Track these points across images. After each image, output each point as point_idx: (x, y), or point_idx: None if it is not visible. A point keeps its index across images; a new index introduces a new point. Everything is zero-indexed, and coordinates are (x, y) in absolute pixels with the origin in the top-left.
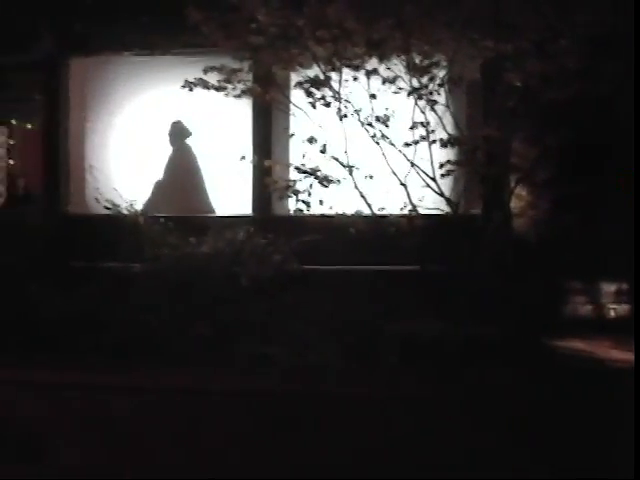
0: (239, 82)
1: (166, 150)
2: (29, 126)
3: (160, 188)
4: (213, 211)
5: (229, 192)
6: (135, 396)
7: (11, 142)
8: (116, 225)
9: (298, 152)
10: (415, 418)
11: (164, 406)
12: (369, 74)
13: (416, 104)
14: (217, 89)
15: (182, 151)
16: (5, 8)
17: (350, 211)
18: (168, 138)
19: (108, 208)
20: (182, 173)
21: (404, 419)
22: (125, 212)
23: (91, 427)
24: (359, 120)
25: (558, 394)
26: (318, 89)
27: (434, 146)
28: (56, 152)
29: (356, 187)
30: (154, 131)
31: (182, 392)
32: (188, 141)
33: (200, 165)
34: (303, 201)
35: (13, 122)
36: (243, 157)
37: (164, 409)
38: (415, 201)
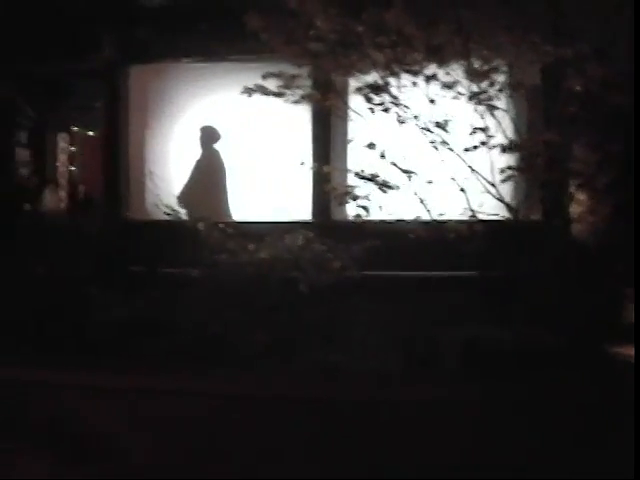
0: (298, 88)
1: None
2: (90, 133)
3: (187, 189)
4: (230, 216)
5: (288, 198)
6: (197, 401)
7: (72, 149)
8: (175, 231)
9: (357, 158)
10: (479, 422)
11: (227, 412)
12: (428, 79)
13: (475, 109)
14: (276, 95)
15: (210, 155)
16: (66, 17)
17: (409, 217)
18: (199, 142)
19: (168, 214)
20: (208, 176)
21: (469, 424)
22: (184, 218)
23: (150, 430)
24: (418, 126)
25: (620, 400)
26: (377, 95)
27: (494, 152)
28: (116, 158)
29: (415, 193)
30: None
31: (245, 398)
32: (217, 146)
33: (225, 169)
34: (362, 207)
35: (74, 129)
36: (302, 163)
37: (227, 415)
38: (475, 207)
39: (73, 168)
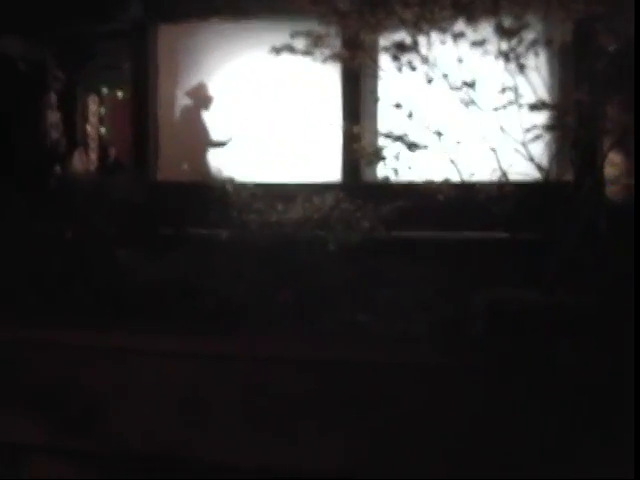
0: (326, 47)
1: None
2: (119, 94)
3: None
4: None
5: (317, 159)
6: (228, 364)
7: (102, 111)
8: (204, 192)
9: (386, 118)
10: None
11: (252, 374)
12: (456, 37)
13: (505, 68)
14: (304, 54)
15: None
16: None
17: (439, 178)
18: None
19: (196, 175)
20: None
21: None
22: (213, 179)
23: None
24: (447, 85)
25: None
26: (405, 53)
27: (524, 111)
28: (145, 120)
29: (445, 153)
30: (242, 97)
31: (275, 360)
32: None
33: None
34: (391, 167)
35: (104, 91)
36: (331, 123)
37: (258, 377)
38: (505, 167)
39: (103, 130)
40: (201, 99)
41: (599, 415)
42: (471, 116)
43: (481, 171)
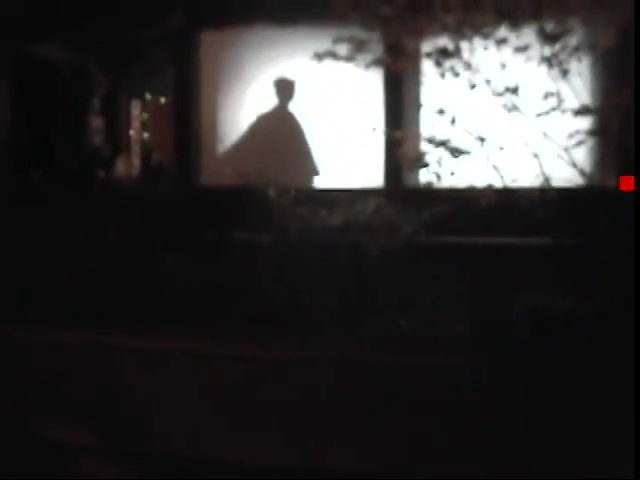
0: (368, 53)
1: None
2: (162, 100)
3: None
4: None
5: (360, 164)
6: (261, 368)
7: (145, 115)
8: (246, 196)
9: (429, 123)
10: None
11: (291, 378)
12: (499, 43)
13: (548, 73)
14: (347, 60)
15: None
16: None
17: (481, 183)
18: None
19: (240, 179)
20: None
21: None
22: (256, 183)
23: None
24: (489, 90)
25: None
26: (447, 59)
27: (567, 116)
28: (188, 124)
29: (487, 158)
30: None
31: (310, 364)
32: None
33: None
34: (434, 173)
35: (147, 96)
36: (374, 129)
37: (290, 381)
38: (547, 173)
39: (146, 135)
40: (288, 92)
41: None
42: (514, 122)
43: (524, 177)
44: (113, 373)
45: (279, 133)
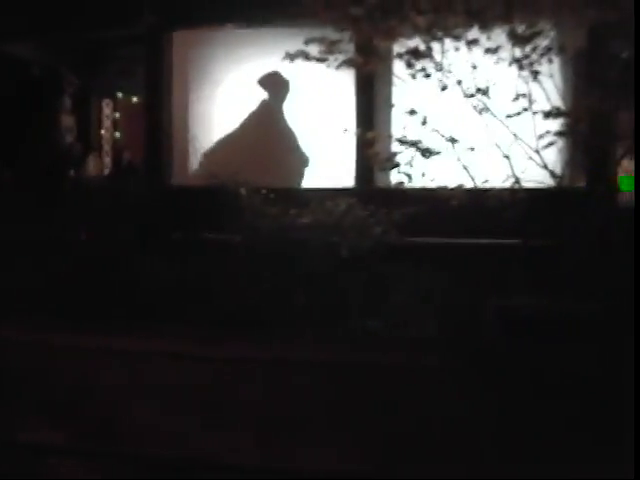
0: (340, 53)
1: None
2: (134, 99)
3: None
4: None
5: (331, 164)
6: (236, 367)
7: (116, 115)
8: (217, 196)
9: (400, 124)
10: (514, 391)
11: (261, 376)
12: (470, 44)
13: (519, 75)
14: (318, 60)
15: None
16: None
17: (452, 184)
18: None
19: (210, 179)
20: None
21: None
22: (226, 183)
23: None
24: (460, 91)
25: None
26: (418, 60)
27: (537, 118)
28: (159, 124)
29: (458, 159)
30: (256, 103)
31: (283, 363)
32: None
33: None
34: (405, 173)
35: (118, 95)
36: (345, 129)
37: (262, 379)
38: (518, 174)
39: (117, 134)
40: (279, 89)
41: (602, 417)
42: (485, 123)
43: (494, 178)
44: (83, 373)
45: (268, 131)
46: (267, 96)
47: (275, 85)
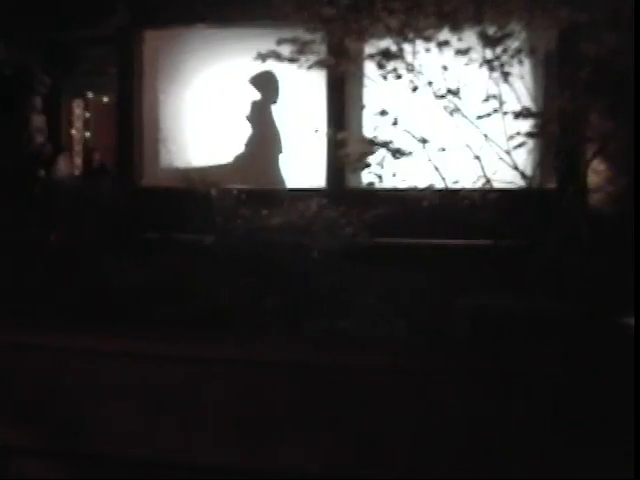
0: (312, 54)
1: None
2: (104, 99)
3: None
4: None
5: (302, 165)
6: (206, 367)
7: (87, 115)
8: (189, 197)
9: (371, 125)
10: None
11: (233, 377)
12: (441, 45)
13: (489, 76)
14: (290, 61)
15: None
16: None
17: (423, 185)
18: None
19: (181, 180)
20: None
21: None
22: (197, 184)
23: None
24: (432, 92)
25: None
26: (390, 61)
27: (508, 119)
28: (130, 124)
29: (429, 160)
30: (227, 103)
31: (253, 364)
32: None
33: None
34: (376, 174)
35: (89, 95)
36: (316, 130)
37: (234, 380)
38: (489, 175)
39: (88, 134)
40: (270, 90)
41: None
42: (456, 124)
43: (465, 178)
44: (50, 373)
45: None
46: (258, 96)
47: (267, 85)
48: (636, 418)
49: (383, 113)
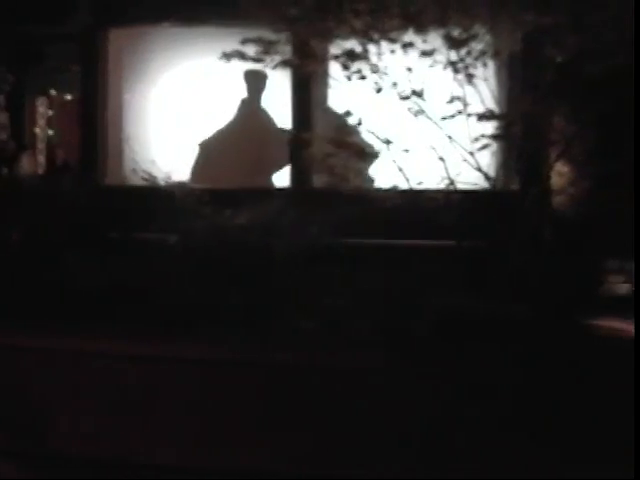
0: (277, 54)
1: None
2: (68, 97)
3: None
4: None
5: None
6: (168, 366)
7: (50, 113)
8: (152, 196)
9: (336, 125)
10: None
11: (195, 377)
12: (406, 47)
13: (454, 78)
14: (255, 61)
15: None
16: None
17: (387, 185)
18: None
19: (145, 179)
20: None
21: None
22: (161, 183)
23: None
24: (396, 94)
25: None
26: (354, 62)
27: (472, 121)
28: (93, 123)
29: (394, 161)
30: (192, 102)
31: (214, 364)
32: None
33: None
34: (340, 174)
35: (53, 93)
36: (282, 130)
37: (197, 380)
38: (453, 176)
39: (51, 132)
40: (261, 84)
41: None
42: (420, 125)
43: (429, 179)
44: (15, 374)
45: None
46: (246, 91)
47: (255, 79)
48: (636, 418)
49: (347, 114)
